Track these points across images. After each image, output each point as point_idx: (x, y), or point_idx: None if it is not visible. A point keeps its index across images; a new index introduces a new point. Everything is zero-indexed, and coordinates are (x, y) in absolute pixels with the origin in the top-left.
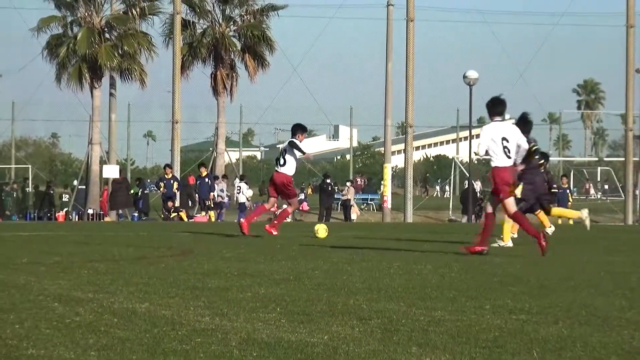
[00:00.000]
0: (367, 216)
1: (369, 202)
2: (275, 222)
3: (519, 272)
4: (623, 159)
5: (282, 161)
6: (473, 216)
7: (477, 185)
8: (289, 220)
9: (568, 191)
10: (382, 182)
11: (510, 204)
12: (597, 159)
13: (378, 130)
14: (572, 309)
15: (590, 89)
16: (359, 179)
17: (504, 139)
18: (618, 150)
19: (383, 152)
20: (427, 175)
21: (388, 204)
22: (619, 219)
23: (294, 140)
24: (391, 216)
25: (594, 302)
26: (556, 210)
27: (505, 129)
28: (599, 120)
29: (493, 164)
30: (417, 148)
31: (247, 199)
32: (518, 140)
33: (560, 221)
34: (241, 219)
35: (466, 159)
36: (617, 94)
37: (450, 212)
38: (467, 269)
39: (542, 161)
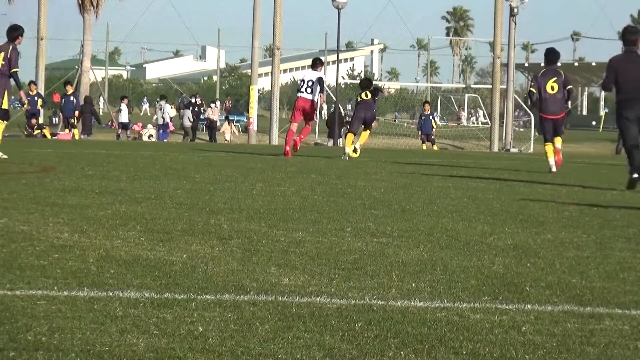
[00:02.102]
0: (233, 138)
1: (235, 123)
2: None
3: (383, 196)
4: (490, 86)
5: (309, 89)
6: (340, 139)
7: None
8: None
9: (431, 117)
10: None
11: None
12: (464, 86)
13: (246, 52)
14: (433, 233)
15: (459, 16)
16: (227, 102)
17: None
18: (485, 77)
19: (250, 74)
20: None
21: (254, 126)
22: (484, 146)
23: (322, 77)
24: (257, 138)
25: (455, 227)
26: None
27: None
28: (468, 47)
29: None
30: (285, 71)
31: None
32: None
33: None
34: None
35: (333, 83)
36: (486, 21)
37: (316, 135)
38: (331, 192)
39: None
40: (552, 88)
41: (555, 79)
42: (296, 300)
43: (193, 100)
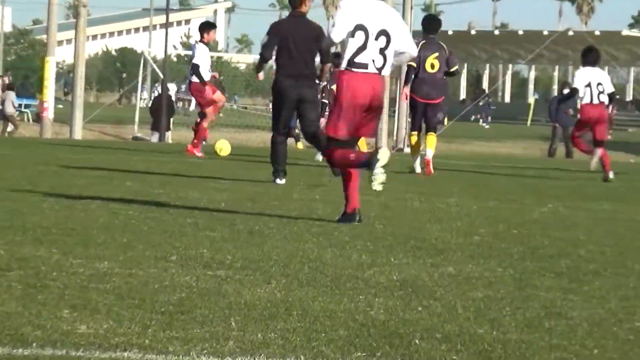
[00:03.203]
0: (20, 130)
1: (22, 109)
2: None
3: (223, 212)
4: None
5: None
6: (168, 133)
7: (173, 91)
8: None
9: None
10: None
11: None
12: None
13: (40, 10)
14: (291, 264)
15: None
16: (6, 78)
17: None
18: None
19: (46, 40)
20: (124, 76)
21: (49, 114)
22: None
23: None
24: (53, 130)
25: (322, 255)
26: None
27: None
28: None
29: None
30: (95, 37)
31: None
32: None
33: None
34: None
35: (161, 55)
36: None
37: (136, 127)
38: (151, 206)
39: None
40: (432, 66)
41: (437, 54)
42: (96, 355)
43: None
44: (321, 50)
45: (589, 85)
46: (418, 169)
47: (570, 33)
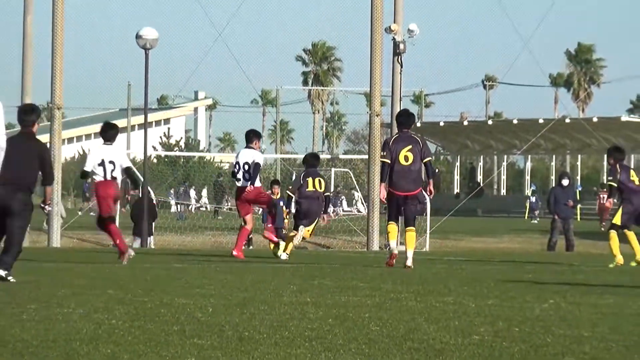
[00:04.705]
0: None
1: None
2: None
3: (211, 319)
4: (366, 156)
5: (247, 174)
6: (150, 238)
7: (153, 195)
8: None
9: (283, 205)
10: None
11: None
12: (329, 156)
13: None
14: None
15: (320, 56)
16: None
17: None
18: (360, 144)
19: None
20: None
21: None
22: (360, 243)
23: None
24: (30, 238)
25: None
26: None
27: None
28: (334, 101)
29: None
30: (71, 140)
31: None
32: None
33: None
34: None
35: (140, 156)
36: (359, 63)
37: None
38: (136, 314)
39: None
40: (406, 158)
41: (410, 147)
42: None
43: None
44: None
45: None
46: (395, 250)
47: (567, 120)
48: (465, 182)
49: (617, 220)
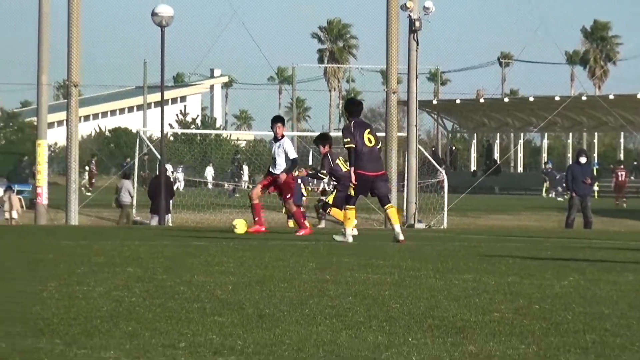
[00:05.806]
0: (16, 215)
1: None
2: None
3: (231, 296)
4: (383, 134)
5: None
6: (168, 216)
7: (172, 171)
8: None
9: (301, 183)
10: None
11: None
12: None
13: (29, 92)
14: (304, 348)
15: (336, 34)
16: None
17: None
18: (377, 121)
19: (36, 122)
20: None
21: (43, 199)
22: (377, 220)
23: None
24: (48, 216)
25: (337, 338)
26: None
27: None
28: (350, 79)
29: None
30: (87, 118)
31: None
32: None
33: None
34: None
35: (157, 134)
36: (375, 40)
37: (134, 210)
38: (156, 292)
39: None
40: (370, 140)
41: (369, 129)
42: None
43: None
44: None
45: None
46: (350, 239)
47: (584, 98)
48: (482, 159)
49: None
